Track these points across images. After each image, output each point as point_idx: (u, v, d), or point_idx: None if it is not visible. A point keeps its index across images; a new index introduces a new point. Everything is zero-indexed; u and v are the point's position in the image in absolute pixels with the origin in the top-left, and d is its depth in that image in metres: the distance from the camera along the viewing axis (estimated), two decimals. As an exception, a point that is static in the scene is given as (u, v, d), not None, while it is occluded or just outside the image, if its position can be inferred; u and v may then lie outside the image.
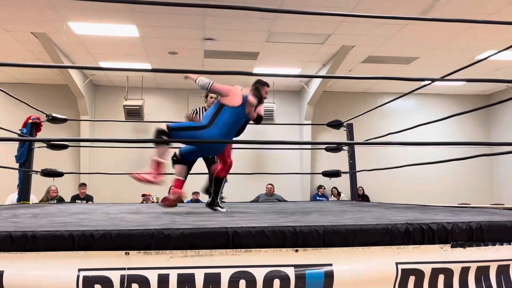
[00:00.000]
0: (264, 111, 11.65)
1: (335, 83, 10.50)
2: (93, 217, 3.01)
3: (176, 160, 3.79)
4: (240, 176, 6.85)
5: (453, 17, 6.17)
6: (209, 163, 4.85)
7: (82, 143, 9.37)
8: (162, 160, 3.51)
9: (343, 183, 9.86)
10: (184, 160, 3.79)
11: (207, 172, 4.64)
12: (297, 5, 6.20)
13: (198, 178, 5.05)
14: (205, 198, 5.03)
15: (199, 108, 5.35)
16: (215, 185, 3.91)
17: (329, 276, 1.85)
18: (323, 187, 10.34)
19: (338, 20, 6.87)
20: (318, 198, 10.02)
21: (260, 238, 1.92)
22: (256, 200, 8.97)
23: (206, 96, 5.36)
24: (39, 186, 7.76)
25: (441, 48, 8.19)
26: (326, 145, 6.12)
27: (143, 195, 8.45)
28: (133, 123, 10.45)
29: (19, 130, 5.63)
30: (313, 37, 7.67)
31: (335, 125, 5.95)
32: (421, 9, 6.42)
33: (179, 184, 3.74)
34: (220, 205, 3.87)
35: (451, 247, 2.01)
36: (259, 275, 1.82)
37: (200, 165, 4.74)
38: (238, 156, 8.63)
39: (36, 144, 5.84)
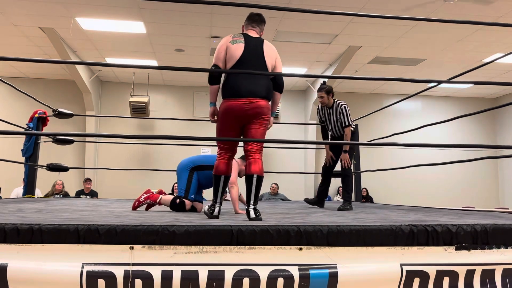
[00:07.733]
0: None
1: (341, 83, 10.47)
2: (97, 214, 3.02)
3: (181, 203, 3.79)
4: (244, 174, 6.84)
5: (461, 19, 6.11)
6: None
7: (87, 139, 9.40)
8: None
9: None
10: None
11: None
12: (305, 5, 6.18)
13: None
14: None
15: None
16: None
17: (333, 276, 1.84)
18: None
19: (345, 20, 6.86)
20: (321, 198, 9.99)
21: (265, 237, 1.92)
22: (260, 199, 8.98)
23: None
24: (44, 180, 7.80)
25: (448, 50, 8.14)
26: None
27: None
28: (138, 120, 10.47)
29: (26, 124, 5.66)
30: (320, 37, 7.65)
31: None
32: (429, 11, 6.39)
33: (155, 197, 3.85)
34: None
35: (456, 249, 2.00)
36: (263, 273, 1.81)
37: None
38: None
39: (42, 139, 5.87)
